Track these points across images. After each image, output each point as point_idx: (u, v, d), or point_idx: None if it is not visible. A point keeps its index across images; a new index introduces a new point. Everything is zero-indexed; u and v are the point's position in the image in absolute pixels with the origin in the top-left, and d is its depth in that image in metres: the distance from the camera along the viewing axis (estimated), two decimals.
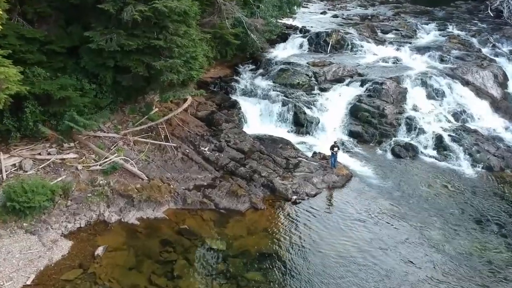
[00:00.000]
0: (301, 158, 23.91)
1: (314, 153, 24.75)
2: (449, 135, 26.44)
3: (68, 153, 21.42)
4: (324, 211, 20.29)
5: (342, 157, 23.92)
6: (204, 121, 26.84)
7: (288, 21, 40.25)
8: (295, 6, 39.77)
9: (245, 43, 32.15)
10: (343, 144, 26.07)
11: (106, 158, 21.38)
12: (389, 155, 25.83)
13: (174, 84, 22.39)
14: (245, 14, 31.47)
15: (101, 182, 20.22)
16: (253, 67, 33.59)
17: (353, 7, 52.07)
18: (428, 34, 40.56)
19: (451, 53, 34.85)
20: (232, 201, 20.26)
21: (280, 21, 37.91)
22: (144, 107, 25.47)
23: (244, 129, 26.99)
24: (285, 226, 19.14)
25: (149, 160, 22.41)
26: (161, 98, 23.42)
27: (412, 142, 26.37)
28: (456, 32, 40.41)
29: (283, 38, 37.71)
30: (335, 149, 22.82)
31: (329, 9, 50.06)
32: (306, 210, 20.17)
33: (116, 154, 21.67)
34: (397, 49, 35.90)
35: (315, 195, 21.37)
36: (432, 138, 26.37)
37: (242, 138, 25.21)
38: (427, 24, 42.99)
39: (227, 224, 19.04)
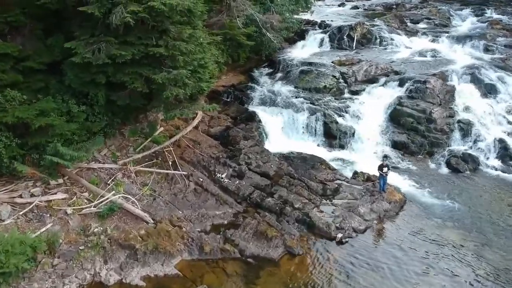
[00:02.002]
0: (340, 181, 19.55)
1: (355, 173, 20.34)
2: None
3: (56, 193, 17.38)
4: (380, 253, 15.85)
5: (389, 176, 19.46)
6: (219, 140, 22.61)
7: (305, 16, 35.84)
8: None
9: (260, 44, 27.95)
10: (385, 157, 21.63)
11: (102, 196, 17.26)
12: (444, 169, 21.38)
13: (180, 100, 18.25)
14: (258, 10, 27.26)
15: (95, 229, 16.12)
16: (270, 70, 29.33)
17: None
18: (465, 21, 35.96)
19: (497, 41, 30.27)
20: (261, 245, 15.98)
21: (296, 16, 33.52)
22: (146, 127, 21.40)
23: (265, 146, 22.72)
24: (333, 279, 14.77)
25: (155, 195, 18.25)
26: (165, 117, 19.26)
27: (470, 151, 21.87)
28: (496, 16, 35.74)
29: (301, 35, 33.44)
30: (385, 169, 18.42)
31: (347, 1, 45.48)
32: (357, 254, 15.79)
33: (113, 192, 17.53)
34: (433, 40, 31.37)
35: (364, 231, 16.99)
36: (494, 145, 21.88)
37: (266, 159, 20.92)
38: (461, 10, 38.39)
39: (258, 279, 14.77)
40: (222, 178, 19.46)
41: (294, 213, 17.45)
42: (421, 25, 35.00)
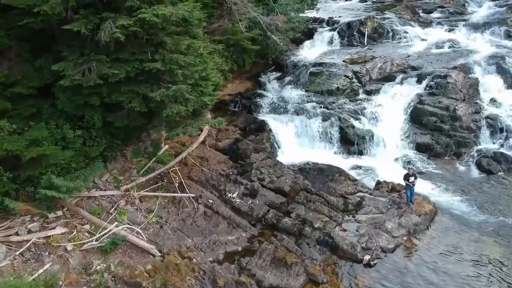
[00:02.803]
0: (362, 193, 17.91)
1: (378, 182, 18.62)
2: None
3: (55, 227, 16.05)
4: (413, 277, 14.14)
5: (416, 183, 17.68)
6: (228, 154, 21.08)
7: (311, 14, 34.11)
8: None
9: (265, 48, 26.40)
10: (409, 162, 19.91)
11: (104, 228, 15.87)
12: (475, 171, 19.59)
13: (183, 116, 16.81)
14: (261, 12, 25.67)
15: (98, 267, 14.75)
16: (278, 74, 27.69)
17: None
18: (481, 6, 33.87)
19: None
20: (280, 274, 14.43)
21: (302, 14, 31.85)
22: (150, 146, 19.98)
23: (278, 158, 21.17)
24: None
25: (162, 222, 16.80)
26: (168, 136, 17.80)
27: (502, 150, 20.01)
28: None
29: (309, 34, 31.73)
30: (411, 178, 16.70)
31: None
32: (388, 278, 14.15)
33: (116, 222, 16.12)
34: (450, 30, 29.43)
35: (394, 250, 15.32)
36: None
37: (279, 172, 19.35)
38: None
39: None
40: (233, 198, 17.93)
41: (315, 233, 15.85)
42: (435, 15, 33.04)
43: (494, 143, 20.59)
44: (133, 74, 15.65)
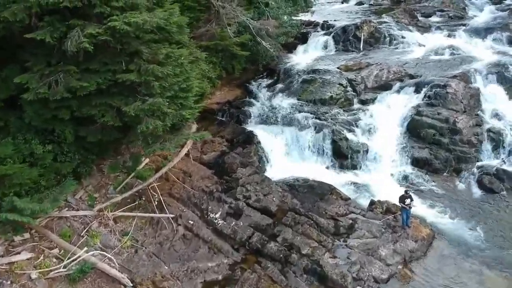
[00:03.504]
0: (355, 215, 16.62)
1: (372, 202, 17.34)
2: None
3: (20, 252, 14.76)
4: None
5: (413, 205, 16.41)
6: (213, 168, 19.80)
7: (305, 17, 32.77)
8: None
9: (256, 53, 25.06)
10: (406, 179, 18.69)
11: (73, 254, 14.57)
12: (476, 190, 18.35)
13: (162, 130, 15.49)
14: (251, 16, 24.36)
15: None
16: (270, 81, 26.37)
17: None
18: (482, 10, 32.56)
19: None
20: None
21: (295, 18, 30.53)
22: (129, 160, 18.64)
23: (267, 172, 19.93)
24: None
25: (137, 246, 15.54)
26: (145, 152, 16.48)
27: (505, 166, 18.76)
28: None
29: (303, 38, 30.35)
30: (407, 201, 15.45)
31: None
32: None
33: (86, 248, 14.81)
34: (450, 35, 28.12)
35: (387, 280, 14.08)
36: None
37: (267, 190, 18.08)
38: None
39: None
40: (216, 218, 16.65)
41: (302, 261, 14.58)
42: (434, 19, 31.72)
43: (496, 159, 19.34)
44: (105, 86, 14.35)
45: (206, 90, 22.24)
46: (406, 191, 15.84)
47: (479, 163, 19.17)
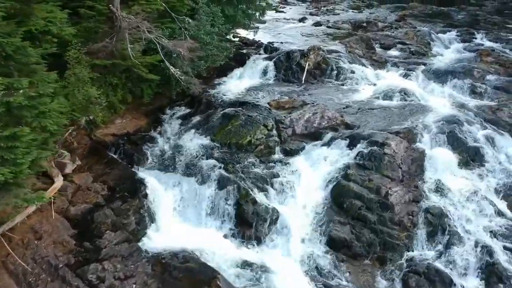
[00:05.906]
0: None
1: None
2: (505, 248, 14.87)
3: None
4: None
5: None
6: (77, 227, 15.38)
7: (250, 35, 28.58)
8: (259, 13, 28.02)
9: (168, 78, 20.66)
10: (317, 269, 14.65)
11: None
12: None
13: None
14: (167, 33, 19.99)
15: None
16: (187, 111, 22.12)
17: (343, 10, 40.10)
18: (448, 48, 29.02)
19: (487, 80, 23.41)
20: None
21: (236, 36, 26.31)
22: None
23: (146, 239, 15.59)
24: None
25: None
26: None
27: (438, 264, 14.80)
28: (487, 44, 28.91)
29: (241, 61, 26.18)
30: None
31: (311, 14, 38.30)
32: None
33: None
34: (405, 75, 24.37)
35: None
36: (475, 255, 14.80)
37: (131, 270, 13.82)
38: (444, 32, 31.36)
39: None
40: None
41: None
42: (393, 52, 27.96)
43: (431, 249, 15.37)
44: None
45: (104, 119, 18.39)
46: None
47: (409, 253, 15.20)
